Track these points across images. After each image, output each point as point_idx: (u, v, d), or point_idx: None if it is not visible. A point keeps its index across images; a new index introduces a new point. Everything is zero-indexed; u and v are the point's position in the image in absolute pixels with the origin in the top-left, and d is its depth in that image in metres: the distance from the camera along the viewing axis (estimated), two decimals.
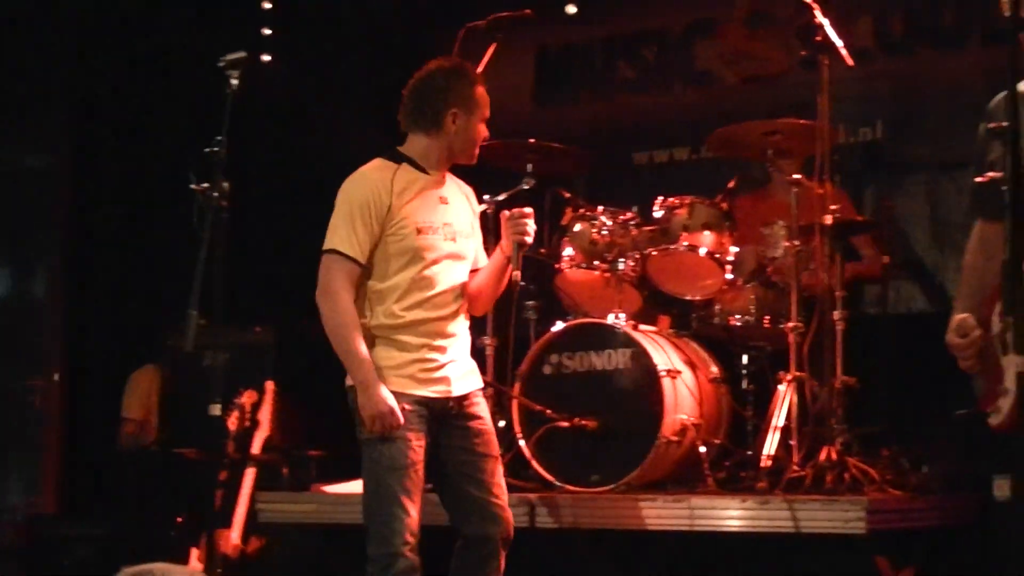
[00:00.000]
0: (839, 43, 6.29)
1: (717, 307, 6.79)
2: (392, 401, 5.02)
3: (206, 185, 5.17)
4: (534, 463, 6.38)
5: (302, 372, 7.82)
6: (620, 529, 6.06)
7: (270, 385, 7.43)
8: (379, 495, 5.08)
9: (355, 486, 6.64)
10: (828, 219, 6.30)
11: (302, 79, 9.14)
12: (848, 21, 7.81)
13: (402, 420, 5.02)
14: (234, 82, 5.28)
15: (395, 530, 5.00)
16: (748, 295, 6.71)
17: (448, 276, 5.20)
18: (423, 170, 5.26)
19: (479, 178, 7.02)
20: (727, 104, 8.22)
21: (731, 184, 6.96)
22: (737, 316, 6.72)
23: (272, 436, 7.35)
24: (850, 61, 6.32)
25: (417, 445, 5.08)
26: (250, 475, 7.15)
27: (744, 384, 6.84)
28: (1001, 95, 3.72)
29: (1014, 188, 3.32)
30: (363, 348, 5.07)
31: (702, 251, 6.66)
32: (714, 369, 6.73)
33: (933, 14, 7.83)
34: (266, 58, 8.88)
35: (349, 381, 5.13)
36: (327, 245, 5.16)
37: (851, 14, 7.90)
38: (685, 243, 6.67)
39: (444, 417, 5.18)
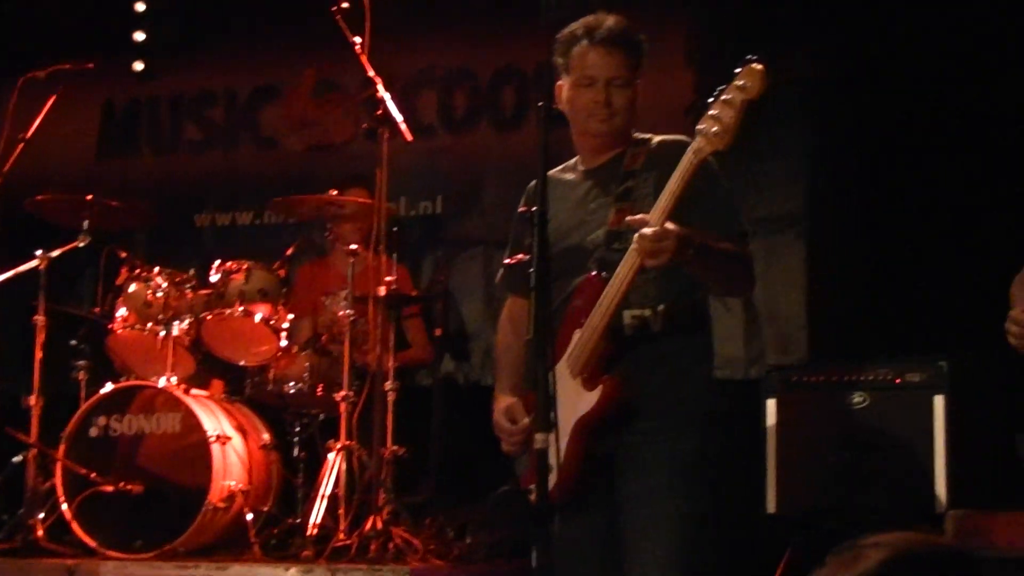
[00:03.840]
0: (399, 118, 6.41)
1: (271, 373, 6.78)
2: None
3: None
4: (75, 526, 6.23)
5: None
6: None
7: None
8: None
9: None
10: (382, 291, 6.41)
11: None
12: (414, 96, 7.98)
13: None
14: None
15: None
16: (302, 363, 6.73)
17: None
18: None
19: (36, 233, 6.87)
20: (293, 170, 8.23)
21: (289, 251, 7.00)
22: (290, 383, 6.73)
23: None
24: (409, 137, 6.45)
25: None
26: None
27: (296, 451, 6.86)
28: (534, 181, 3.86)
29: (540, 270, 3.46)
30: None
31: (257, 317, 6.66)
32: (265, 436, 6.72)
33: (494, 95, 8.05)
34: None
35: None
36: None
37: (416, 90, 8.06)
38: (240, 308, 6.65)
39: None
